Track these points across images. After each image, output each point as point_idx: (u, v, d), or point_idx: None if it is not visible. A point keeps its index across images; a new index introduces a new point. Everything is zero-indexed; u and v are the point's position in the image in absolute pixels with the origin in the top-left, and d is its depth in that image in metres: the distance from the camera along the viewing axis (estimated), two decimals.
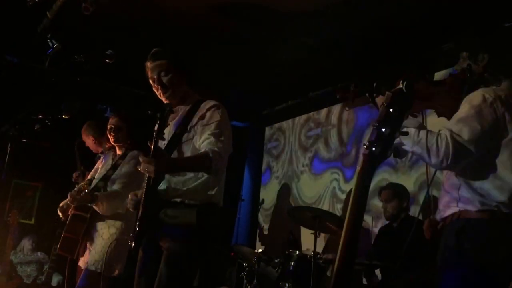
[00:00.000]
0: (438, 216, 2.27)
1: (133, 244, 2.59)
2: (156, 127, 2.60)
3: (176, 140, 2.70)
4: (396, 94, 1.52)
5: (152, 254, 2.69)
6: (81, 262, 3.56)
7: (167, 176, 2.67)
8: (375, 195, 4.37)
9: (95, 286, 3.39)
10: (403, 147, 2.13)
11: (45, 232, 5.37)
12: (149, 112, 2.70)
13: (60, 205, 3.61)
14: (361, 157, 1.53)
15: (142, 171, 2.48)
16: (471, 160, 2.06)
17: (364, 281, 4.17)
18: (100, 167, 3.82)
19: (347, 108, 5.71)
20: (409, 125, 2.07)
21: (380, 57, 4.73)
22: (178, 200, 2.66)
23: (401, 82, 1.55)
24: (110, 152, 3.80)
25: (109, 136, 3.65)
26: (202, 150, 2.59)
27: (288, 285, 3.95)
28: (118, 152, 3.71)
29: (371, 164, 1.51)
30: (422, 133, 2.04)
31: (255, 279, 4.18)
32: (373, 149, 1.49)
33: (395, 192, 4.14)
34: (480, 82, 2.18)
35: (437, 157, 1.99)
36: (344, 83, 5.52)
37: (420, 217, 4.35)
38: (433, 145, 2.00)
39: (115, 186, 3.55)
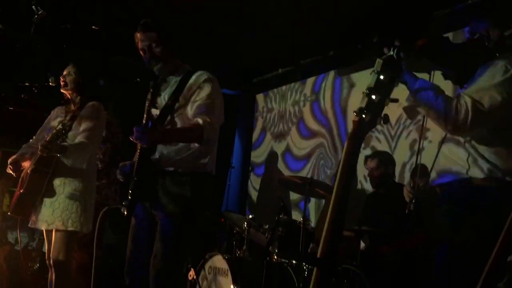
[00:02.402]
0: (435, 181, 2.27)
1: (125, 212, 2.62)
2: (148, 96, 2.60)
3: (168, 111, 2.70)
4: (386, 61, 1.52)
5: (145, 222, 2.72)
6: (41, 224, 3.28)
7: (159, 145, 2.68)
8: None
9: (70, 246, 3.28)
10: (418, 108, 2.13)
11: None
12: (138, 80, 2.68)
13: (11, 160, 3.38)
14: (351, 124, 1.54)
15: (134, 141, 2.48)
16: (484, 129, 2.06)
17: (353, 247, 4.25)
18: (52, 120, 3.56)
19: (338, 76, 5.70)
20: (428, 87, 2.05)
21: (373, 23, 4.69)
22: (171, 169, 2.67)
23: (391, 49, 1.55)
24: (62, 107, 3.57)
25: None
26: (194, 121, 2.60)
27: (277, 250, 4.02)
28: (74, 105, 3.49)
29: (361, 131, 1.52)
30: (441, 97, 2.02)
31: (245, 244, 4.23)
32: (363, 116, 1.50)
33: (381, 160, 4.18)
34: (497, 49, 2.16)
35: (455, 123, 1.99)
36: (336, 51, 5.51)
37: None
38: (452, 110, 1.98)
39: (81, 138, 3.30)
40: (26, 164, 3.40)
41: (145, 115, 2.55)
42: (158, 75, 2.75)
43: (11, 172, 3.37)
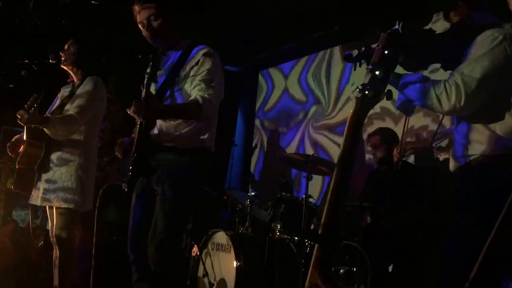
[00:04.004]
0: (453, 167, 2.23)
1: (126, 189, 2.62)
2: (148, 70, 2.57)
3: (167, 86, 2.67)
4: (391, 36, 1.49)
5: (146, 198, 2.71)
6: (40, 200, 3.26)
7: (158, 121, 2.66)
8: None
9: (72, 224, 3.26)
10: (413, 103, 2.10)
11: None
12: (139, 56, 2.65)
13: (12, 140, 3.36)
14: (354, 100, 1.52)
15: (132, 115, 2.47)
16: (486, 102, 2.00)
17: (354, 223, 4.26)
18: (59, 98, 3.55)
19: (342, 52, 5.63)
20: (413, 79, 2.01)
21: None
22: (170, 145, 2.66)
23: (397, 22, 1.52)
24: (69, 84, 3.55)
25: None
26: (193, 97, 2.57)
27: (279, 226, 4.03)
28: (75, 81, 3.47)
29: (364, 107, 1.50)
30: (428, 83, 1.98)
31: (247, 221, 4.25)
32: (366, 92, 1.48)
33: (384, 138, 4.16)
34: (484, 27, 2.11)
35: (449, 103, 1.93)
36: (340, 25, 5.43)
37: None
38: (442, 92, 1.93)
39: (71, 111, 3.24)
40: None
41: (144, 90, 2.52)
42: (158, 49, 2.69)
43: (10, 154, 3.36)
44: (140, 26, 2.70)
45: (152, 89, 2.64)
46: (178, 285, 2.68)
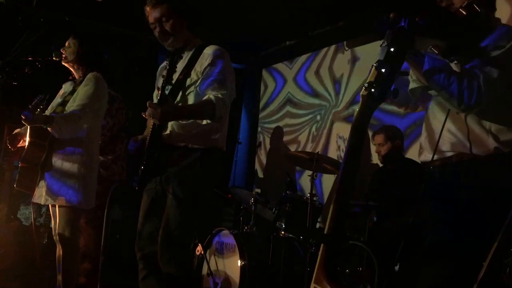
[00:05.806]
0: (427, 155, 2.21)
1: (137, 187, 2.64)
2: (164, 73, 2.61)
3: (180, 86, 2.68)
4: (397, 32, 1.47)
5: (156, 197, 2.72)
6: (41, 198, 3.23)
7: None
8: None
9: (75, 222, 3.25)
10: (429, 91, 2.07)
11: None
12: (140, 54, 2.65)
13: (12, 133, 3.34)
14: (359, 98, 1.50)
15: (147, 117, 2.47)
16: (491, 101, 1.99)
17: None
18: (61, 95, 3.52)
19: (346, 48, 5.60)
20: (440, 65, 1.97)
21: None
22: (182, 144, 2.67)
23: (402, 19, 1.49)
24: (72, 82, 3.51)
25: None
26: (206, 97, 2.57)
27: (284, 225, 4.01)
28: (77, 78, 3.44)
29: (370, 105, 1.48)
30: (454, 78, 1.95)
31: (252, 220, 4.23)
32: (372, 90, 1.45)
33: (388, 135, 4.14)
34: (488, 19, 2.09)
35: (470, 100, 1.92)
36: (345, 22, 5.40)
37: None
38: (465, 90, 1.92)
39: (73, 108, 3.22)
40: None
41: (159, 92, 2.54)
42: (172, 51, 2.71)
43: (9, 146, 3.35)
44: (151, 27, 2.71)
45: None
46: (187, 284, 2.67)
